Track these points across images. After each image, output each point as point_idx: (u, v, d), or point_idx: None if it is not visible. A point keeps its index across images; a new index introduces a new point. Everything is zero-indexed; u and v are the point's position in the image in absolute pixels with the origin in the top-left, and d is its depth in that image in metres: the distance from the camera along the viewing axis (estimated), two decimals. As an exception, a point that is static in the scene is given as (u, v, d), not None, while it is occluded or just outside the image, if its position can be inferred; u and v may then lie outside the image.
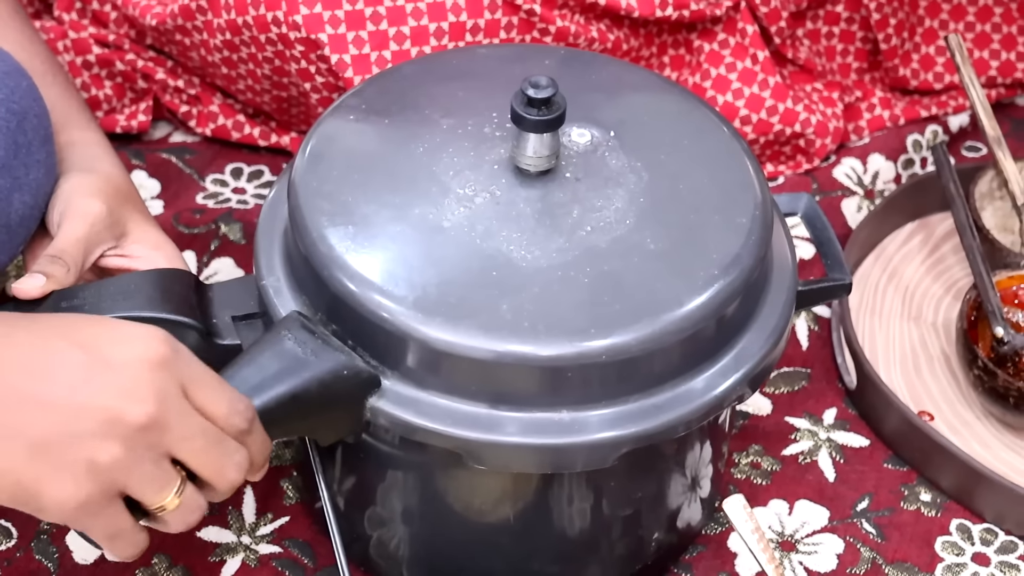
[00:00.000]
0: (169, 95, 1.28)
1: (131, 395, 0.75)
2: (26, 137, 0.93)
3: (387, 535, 0.98)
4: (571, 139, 0.93)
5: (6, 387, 0.75)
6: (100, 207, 0.94)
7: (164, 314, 0.92)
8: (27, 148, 0.93)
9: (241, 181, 1.27)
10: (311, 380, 0.86)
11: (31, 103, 0.94)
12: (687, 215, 0.91)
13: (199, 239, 1.21)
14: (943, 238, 1.27)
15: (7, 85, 0.93)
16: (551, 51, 1.04)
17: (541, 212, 0.89)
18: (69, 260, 0.92)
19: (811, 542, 1.05)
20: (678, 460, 0.96)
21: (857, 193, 1.29)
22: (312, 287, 0.90)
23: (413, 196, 0.90)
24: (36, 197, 0.94)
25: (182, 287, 0.94)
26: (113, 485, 0.75)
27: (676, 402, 0.88)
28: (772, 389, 1.14)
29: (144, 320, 0.91)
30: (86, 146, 1.00)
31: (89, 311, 0.91)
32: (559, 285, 0.86)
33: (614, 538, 0.97)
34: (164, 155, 1.28)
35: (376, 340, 0.86)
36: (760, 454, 1.10)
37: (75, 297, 0.92)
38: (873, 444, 1.11)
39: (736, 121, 1.26)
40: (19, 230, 0.94)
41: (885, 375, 1.14)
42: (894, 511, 1.07)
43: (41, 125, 0.95)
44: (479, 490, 0.94)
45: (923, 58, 1.34)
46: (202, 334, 0.93)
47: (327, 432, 0.90)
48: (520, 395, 0.86)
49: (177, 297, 0.93)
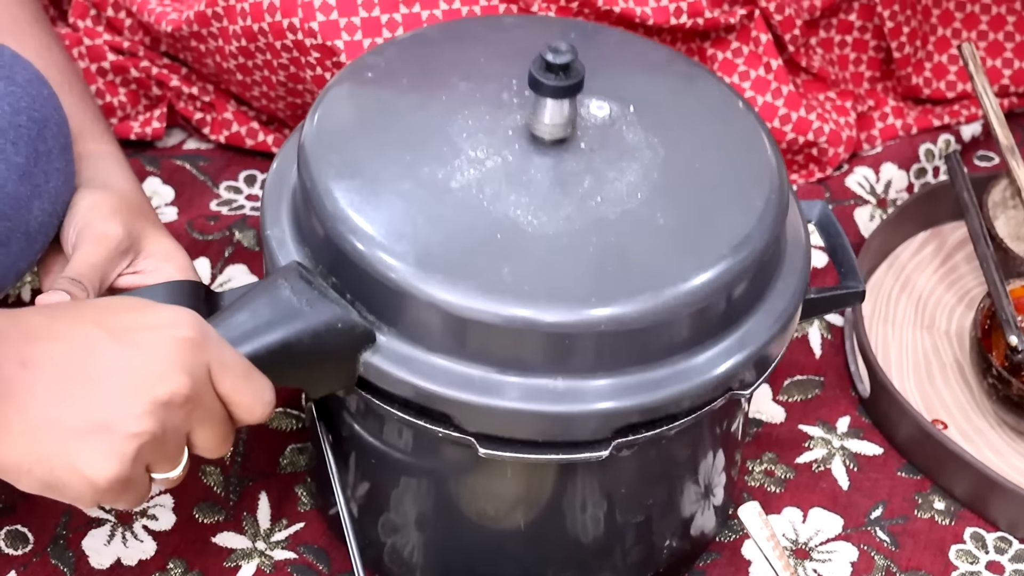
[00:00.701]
0: (183, 102, 1.29)
1: (163, 377, 0.79)
2: (46, 145, 0.94)
3: (401, 541, 0.98)
4: (589, 111, 0.92)
5: (46, 378, 0.78)
6: (117, 231, 0.95)
7: None
8: (47, 156, 0.94)
9: (255, 188, 1.28)
10: (304, 331, 0.85)
11: (52, 111, 0.95)
12: (701, 193, 0.90)
13: (213, 246, 1.21)
14: (956, 247, 1.27)
15: (29, 93, 0.94)
16: (579, 25, 1.03)
17: (552, 180, 0.88)
18: (88, 284, 0.92)
19: (825, 550, 1.05)
20: (691, 467, 0.96)
21: (870, 202, 1.29)
22: (314, 239, 0.89)
23: (423, 155, 0.89)
24: (55, 205, 0.95)
25: (192, 299, 0.94)
26: (143, 461, 0.79)
27: (676, 378, 0.87)
28: (785, 397, 1.14)
29: None
30: (100, 159, 1.01)
31: None
32: (564, 252, 0.85)
33: (627, 545, 0.97)
34: (178, 162, 1.28)
35: (373, 295, 0.86)
36: (774, 462, 1.10)
37: None
38: (887, 452, 1.11)
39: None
40: (38, 237, 0.95)
41: (898, 383, 1.14)
42: (908, 519, 1.07)
43: (61, 133, 0.96)
44: (493, 495, 0.94)
45: (936, 67, 1.34)
46: None
47: (318, 385, 0.89)
48: (516, 360, 0.85)
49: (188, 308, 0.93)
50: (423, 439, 0.90)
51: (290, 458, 1.07)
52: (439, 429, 0.87)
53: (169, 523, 1.02)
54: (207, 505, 1.03)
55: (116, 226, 0.95)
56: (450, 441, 0.87)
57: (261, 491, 1.05)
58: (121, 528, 1.01)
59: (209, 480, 1.04)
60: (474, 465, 0.90)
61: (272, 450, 1.07)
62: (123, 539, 1.01)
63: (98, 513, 1.02)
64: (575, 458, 0.88)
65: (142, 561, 1.00)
